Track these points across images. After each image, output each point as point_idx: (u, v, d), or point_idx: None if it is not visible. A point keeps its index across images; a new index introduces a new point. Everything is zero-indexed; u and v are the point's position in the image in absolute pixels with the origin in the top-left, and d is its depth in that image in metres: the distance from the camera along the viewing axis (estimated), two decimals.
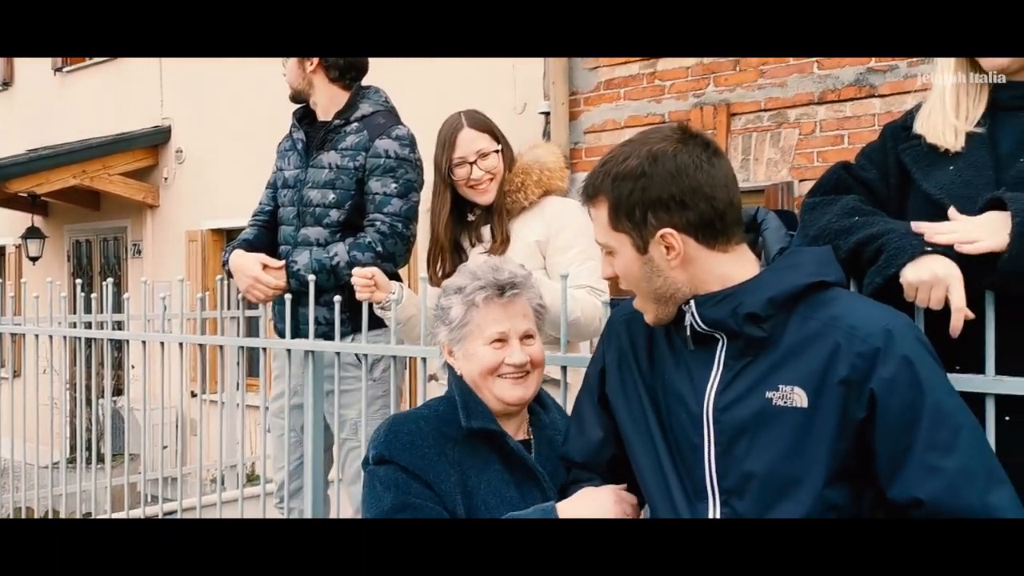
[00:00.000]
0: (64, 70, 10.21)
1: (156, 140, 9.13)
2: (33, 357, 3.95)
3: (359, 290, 2.48)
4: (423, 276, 2.41)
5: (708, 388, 1.41)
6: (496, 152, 2.49)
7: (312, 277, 2.67)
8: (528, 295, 1.78)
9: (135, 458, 5.84)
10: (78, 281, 3.81)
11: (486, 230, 2.52)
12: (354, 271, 2.51)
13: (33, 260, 9.76)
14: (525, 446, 1.78)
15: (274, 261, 2.85)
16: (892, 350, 1.30)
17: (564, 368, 2.10)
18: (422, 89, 6.17)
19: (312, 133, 2.95)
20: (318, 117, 2.97)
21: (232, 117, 8.31)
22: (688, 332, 1.43)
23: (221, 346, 3.31)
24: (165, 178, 9.13)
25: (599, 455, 1.63)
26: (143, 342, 3.45)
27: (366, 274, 2.48)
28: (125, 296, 3.69)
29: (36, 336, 3.92)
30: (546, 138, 5.81)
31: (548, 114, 5.97)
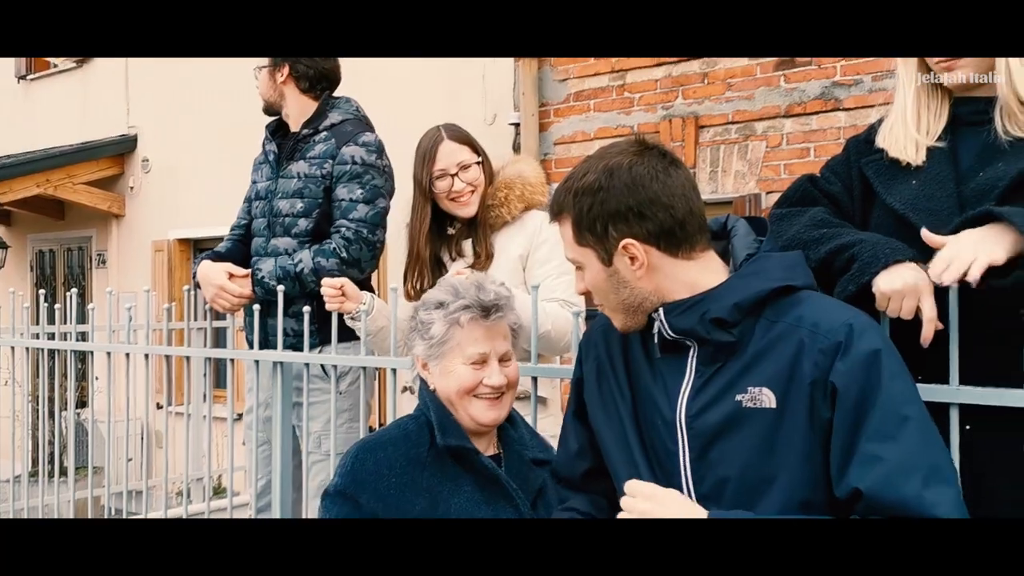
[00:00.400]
0: (28, 77, 10.07)
1: (122, 149, 9.02)
2: None
3: (328, 301, 2.47)
4: (393, 287, 2.40)
5: (680, 395, 1.43)
6: (477, 164, 2.49)
7: (277, 285, 2.65)
8: (509, 317, 1.79)
9: (99, 471, 5.76)
10: (41, 292, 3.75)
11: (467, 244, 2.52)
12: (323, 281, 2.50)
13: None
14: (495, 461, 1.78)
15: (240, 270, 2.83)
16: (852, 344, 1.32)
17: (535, 379, 2.10)
18: (391, 101, 6.16)
19: (284, 144, 2.94)
20: (291, 128, 2.96)
21: (199, 126, 8.24)
22: (657, 340, 1.45)
23: (188, 357, 3.27)
24: (131, 187, 9.03)
25: (574, 468, 1.65)
26: (108, 353, 3.40)
27: (335, 284, 2.46)
28: (90, 307, 3.64)
29: None
30: (516, 150, 5.83)
31: (518, 125, 6.00)
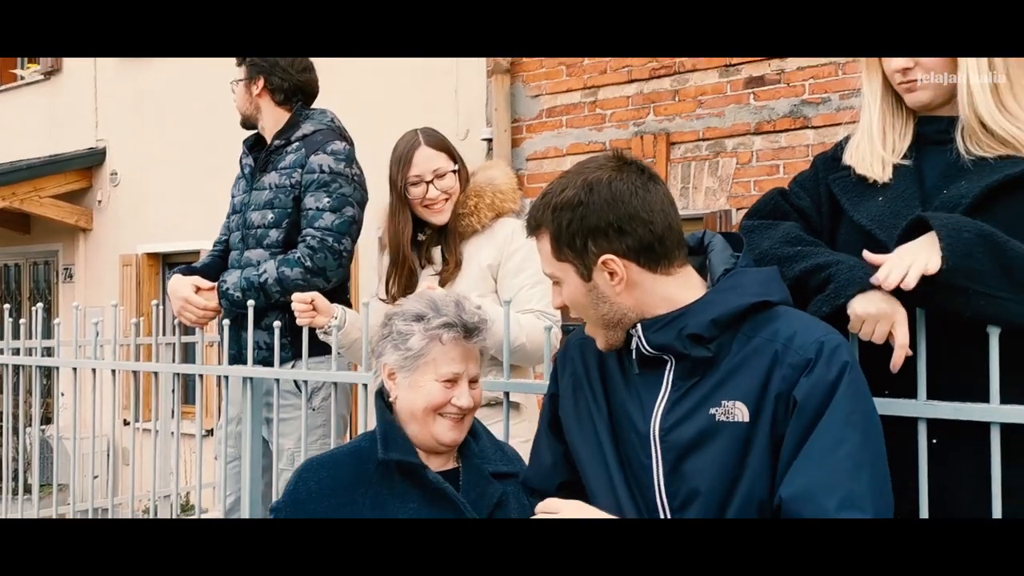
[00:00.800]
0: None
1: (90, 162, 8.92)
2: None
3: (299, 315, 2.44)
4: (365, 301, 2.38)
5: (655, 409, 1.43)
6: (453, 172, 2.46)
7: (242, 297, 2.63)
8: (488, 341, 1.79)
9: (64, 488, 5.66)
10: (6, 306, 3.69)
11: (436, 251, 2.49)
12: (293, 296, 2.47)
13: None
14: (453, 475, 1.76)
15: (206, 283, 2.81)
16: (820, 362, 1.33)
17: (507, 393, 2.10)
18: (364, 116, 6.15)
19: (259, 157, 2.92)
20: (267, 142, 2.94)
21: (169, 140, 8.18)
22: (635, 356, 1.45)
23: (155, 373, 3.24)
24: (99, 201, 8.93)
25: (549, 481, 1.64)
26: (74, 369, 3.36)
27: (305, 299, 2.44)
28: (56, 322, 3.59)
29: None
30: None
31: (491, 140, 6.01)
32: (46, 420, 7.04)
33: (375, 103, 6.32)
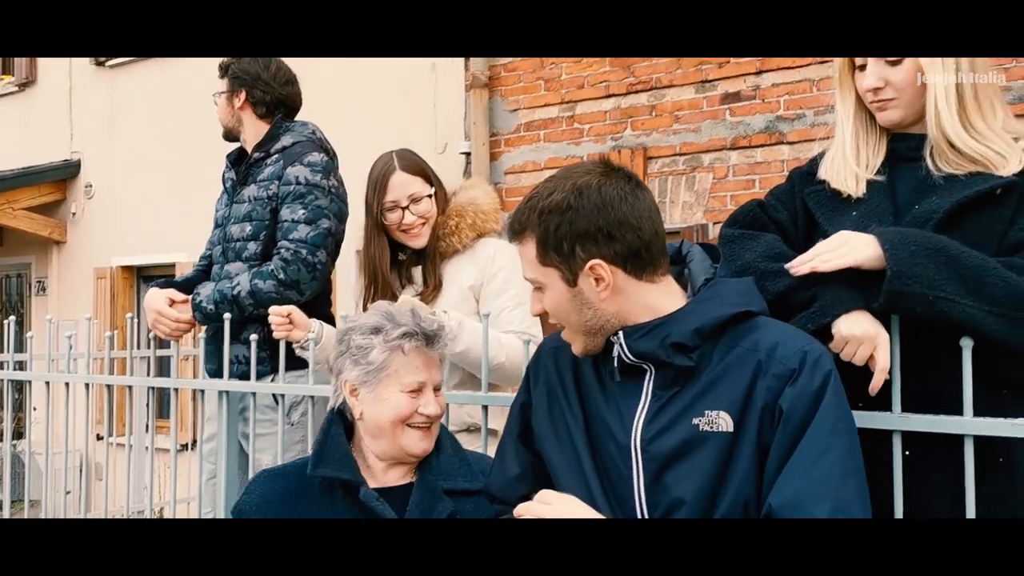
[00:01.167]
0: None
1: (65, 174, 8.84)
2: None
3: (275, 329, 2.43)
4: (343, 315, 2.37)
5: (636, 418, 1.42)
6: (429, 197, 2.43)
7: (216, 310, 2.61)
8: (450, 347, 1.79)
9: (35, 504, 5.58)
10: None
11: (417, 271, 2.47)
12: (270, 310, 2.46)
13: None
14: (406, 490, 1.74)
15: (181, 296, 2.78)
16: (804, 372, 1.34)
17: (485, 408, 2.09)
18: (342, 128, 6.14)
19: (240, 171, 2.90)
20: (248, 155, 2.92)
21: (144, 152, 8.13)
22: (616, 364, 1.44)
23: (130, 387, 3.20)
24: (73, 213, 8.85)
25: (513, 491, 1.62)
26: (47, 383, 3.31)
27: (282, 312, 2.42)
28: (28, 335, 3.55)
29: None
30: (467, 178, 5.85)
31: (469, 154, 6.02)
32: (18, 435, 6.94)
33: (353, 116, 6.31)
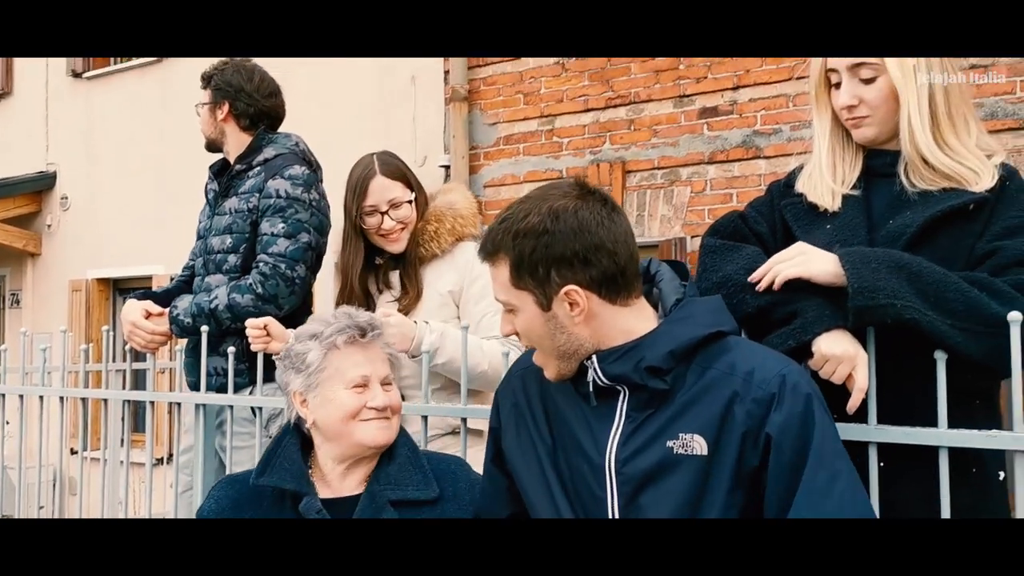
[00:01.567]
0: None
1: (40, 186, 8.77)
2: None
3: (252, 341, 2.41)
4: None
5: (610, 440, 1.41)
6: (409, 202, 2.41)
7: (193, 323, 2.59)
8: (384, 341, 1.77)
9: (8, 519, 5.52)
10: None
11: (395, 276, 2.45)
12: (247, 322, 2.44)
13: None
14: (351, 503, 1.72)
15: (157, 308, 2.76)
16: (786, 396, 1.33)
17: (464, 420, 2.08)
18: (320, 140, 6.13)
19: (222, 182, 2.89)
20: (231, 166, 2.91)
21: (120, 164, 8.08)
22: (591, 388, 1.43)
23: (105, 400, 3.17)
24: (48, 225, 8.76)
25: (497, 512, 1.62)
26: (20, 396, 3.28)
27: (258, 324, 2.40)
28: (2, 348, 3.51)
29: None
30: None
31: (448, 167, 6.03)
32: None
33: (333, 129, 6.31)
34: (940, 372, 1.48)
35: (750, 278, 1.57)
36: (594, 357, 1.42)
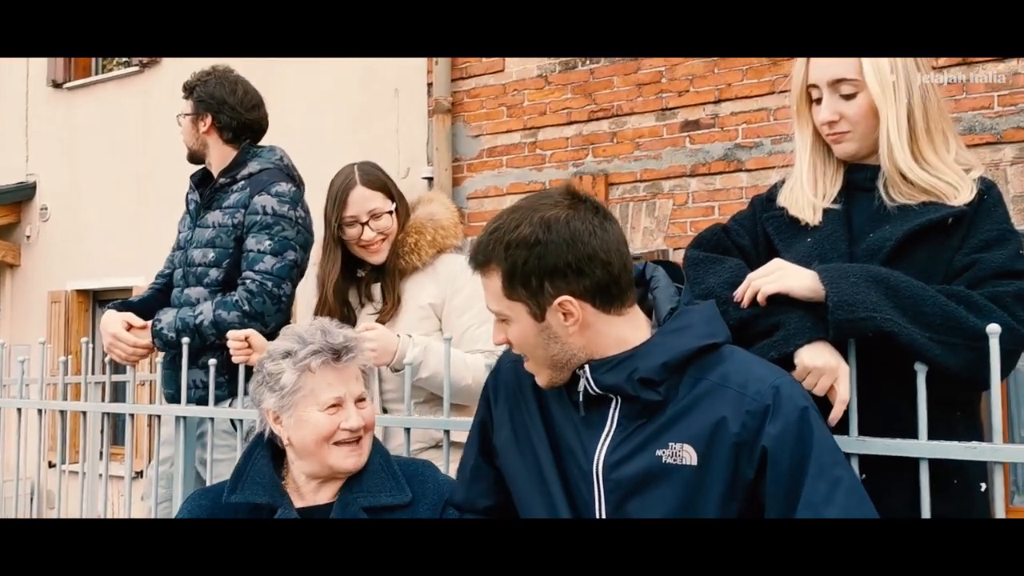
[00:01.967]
0: None
1: (19, 197, 8.68)
2: None
3: (234, 353, 2.39)
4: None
5: (598, 446, 1.41)
6: (390, 213, 2.40)
7: (177, 337, 2.57)
8: (360, 359, 1.76)
9: None
10: None
11: (376, 289, 2.44)
12: (228, 334, 2.42)
13: None
14: (324, 511, 1.73)
15: (139, 320, 2.74)
16: (781, 407, 1.33)
17: (447, 432, 2.07)
18: (303, 152, 6.12)
19: (204, 193, 2.87)
20: (214, 177, 2.89)
21: (101, 175, 8.03)
22: (581, 398, 1.42)
23: (84, 412, 3.14)
24: (28, 236, 8.68)
25: (476, 503, 1.63)
26: None
27: (240, 336, 2.38)
28: None
29: None
30: None
31: (431, 179, 6.03)
32: None
33: (316, 140, 6.30)
34: (920, 384, 1.48)
35: (732, 297, 1.57)
36: (587, 367, 1.41)
